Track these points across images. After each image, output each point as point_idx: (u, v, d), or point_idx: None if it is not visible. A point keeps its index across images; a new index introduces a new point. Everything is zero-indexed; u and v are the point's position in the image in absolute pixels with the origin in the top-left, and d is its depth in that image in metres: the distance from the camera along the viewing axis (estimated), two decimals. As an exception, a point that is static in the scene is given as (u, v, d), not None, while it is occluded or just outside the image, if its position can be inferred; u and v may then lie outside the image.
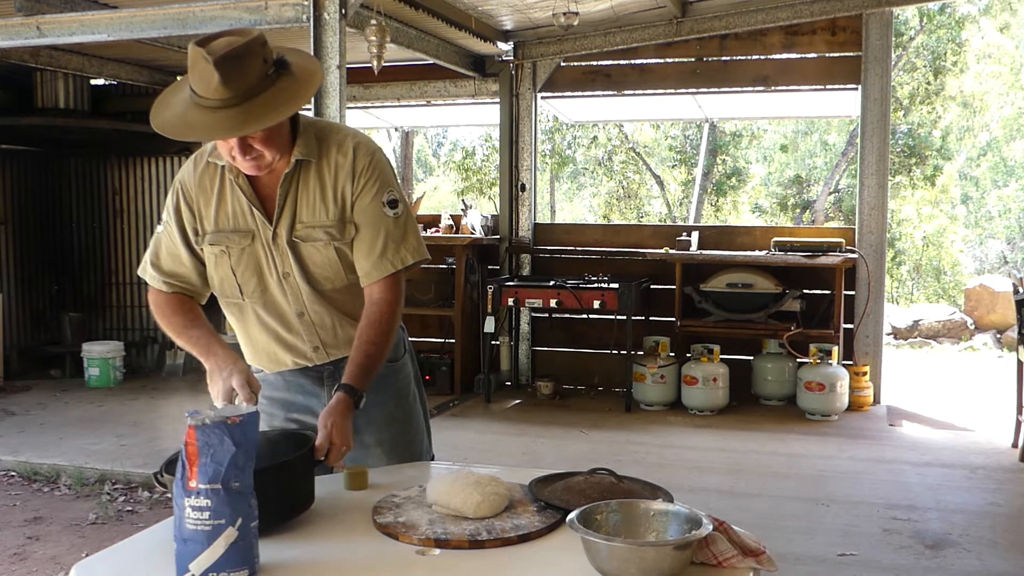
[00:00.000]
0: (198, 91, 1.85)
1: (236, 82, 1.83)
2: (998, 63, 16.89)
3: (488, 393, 6.88)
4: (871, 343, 6.72)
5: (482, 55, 7.33)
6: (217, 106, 1.84)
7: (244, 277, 2.14)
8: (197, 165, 2.13)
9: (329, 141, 2.09)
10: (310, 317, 2.16)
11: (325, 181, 2.08)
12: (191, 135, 1.88)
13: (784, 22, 6.73)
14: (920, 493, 4.72)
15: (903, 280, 16.53)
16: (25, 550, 4.11)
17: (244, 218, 2.10)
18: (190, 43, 1.86)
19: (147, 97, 8.34)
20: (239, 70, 1.83)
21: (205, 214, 2.11)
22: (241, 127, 1.86)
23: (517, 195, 7.47)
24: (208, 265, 2.16)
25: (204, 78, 1.83)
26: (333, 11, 4.40)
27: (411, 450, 2.33)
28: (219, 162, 2.09)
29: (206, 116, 1.85)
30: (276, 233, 2.09)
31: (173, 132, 1.89)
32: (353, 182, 2.08)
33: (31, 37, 4.97)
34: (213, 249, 2.12)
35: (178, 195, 2.13)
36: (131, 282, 8.59)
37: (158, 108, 1.96)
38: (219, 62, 1.80)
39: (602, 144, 16.43)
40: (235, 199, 2.09)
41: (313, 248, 2.10)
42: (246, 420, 1.52)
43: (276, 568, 1.57)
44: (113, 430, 6.00)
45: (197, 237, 2.13)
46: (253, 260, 2.12)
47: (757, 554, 1.57)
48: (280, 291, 2.14)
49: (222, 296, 2.21)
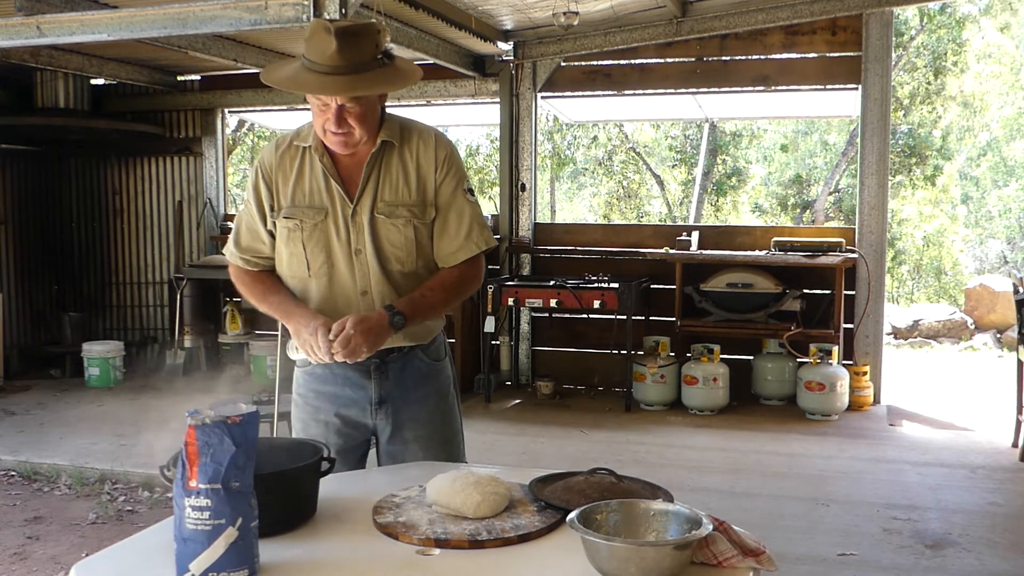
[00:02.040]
0: (313, 58, 2.04)
1: (349, 52, 2.02)
2: (998, 63, 16.88)
3: (488, 393, 6.88)
4: (871, 343, 6.72)
5: (482, 55, 7.33)
6: (328, 71, 2.03)
7: (313, 253, 2.22)
8: (279, 147, 2.26)
9: (411, 130, 2.25)
10: (372, 296, 2.23)
11: (408, 164, 2.23)
12: (301, 89, 2.06)
13: (784, 22, 6.72)
14: (920, 493, 4.72)
15: (903, 280, 16.53)
16: (25, 550, 4.11)
17: (321, 195, 2.21)
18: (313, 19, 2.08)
19: (147, 97, 8.36)
20: (354, 44, 2.03)
21: (283, 191, 2.23)
22: (349, 88, 2.03)
23: (517, 195, 7.47)
24: (278, 241, 2.26)
25: (321, 46, 2.02)
26: (333, 11, 4.38)
27: (447, 449, 2.40)
28: (304, 144, 2.22)
29: (317, 77, 2.04)
30: (356, 210, 2.20)
31: (284, 85, 2.10)
32: (436, 169, 2.24)
33: (31, 37, 4.96)
34: (287, 223, 2.22)
35: (257, 174, 2.26)
36: (131, 282, 8.60)
37: (270, 70, 2.17)
38: (339, 32, 2.01)
39: (602, 144, 16.42)
40: (313, 177, 2.22)
41: (393, 226, 2.21)
42: (246, 420, 1.52)
43: (276, 568, 1.57)
44: (113, 430, 6.00)
45: (273, 213, 2.24)
46: (324, 236, 2.21)
47: (757, 554, 1.57)
48: (348, 268, 2.23)
49: (289, 275, 2.28)
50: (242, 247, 2.31)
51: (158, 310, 8.51)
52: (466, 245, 2.25)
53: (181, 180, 8.42)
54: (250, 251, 2.31)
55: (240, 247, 2.31)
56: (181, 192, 8.42)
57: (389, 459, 2.34)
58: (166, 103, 8.37)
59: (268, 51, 6.98)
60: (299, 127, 2.29)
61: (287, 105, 8.22)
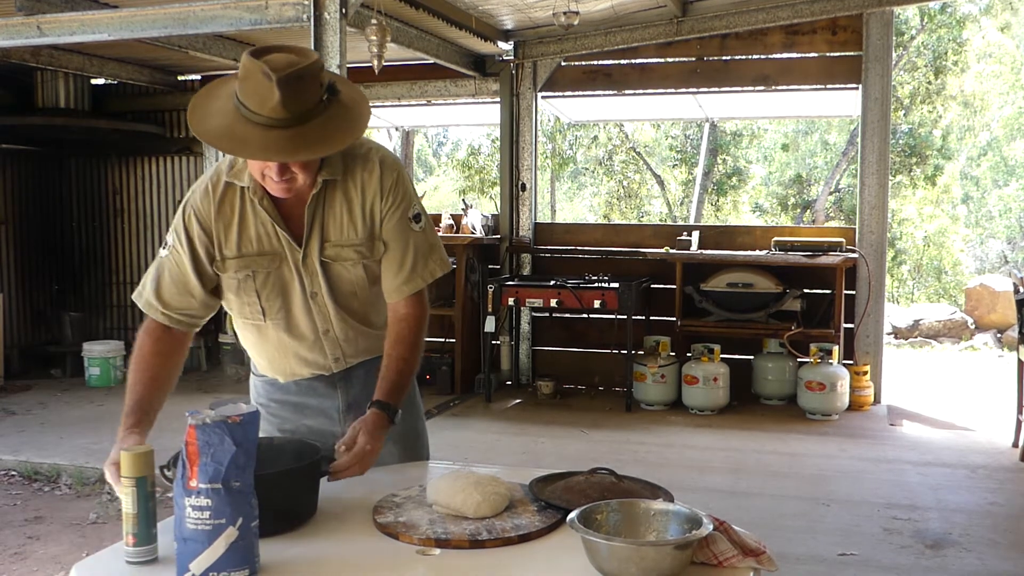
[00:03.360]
0: (251, 106, 1.79)
1: (295, 103, 1.78)
2: (999, 62, 16.89)
3: (488, 393, 6.88)
4: (871, 343, 6.72)
5: (482, 54, 7.32)
6: (271, 125, 1.79)
7: (269, 300, 2.09)
8: (214, 189, 2.03)
9: (354, 160, 2.04)
10: (335, 333, 2.14)
11: (352, 200, 2.04)
12: (244, 152, 1.83)
13: (785, 21, 6.72)
14: (920, 493, 4.72)
15: (904, 280, 16.53)
16: (25, 549, 4.11)
17: (269, 240, 2.04)
18: (244, 54, 1.81)
19: (147, 97, 8.36)
20: (299, 92, 1.78)
21: (225, 239, 2.03)
22: (297, 151, 1.82)
23: (518, 195, 7.47)
24: (227, 290, 2.08)
25: (261, 94, 1.77)
26: (333, 11, 4.39)
27: (419, 444, 2.35)
28: (239, 183, 2.01)
29: (258, 133, 1.79)
30: (306, 254, 2.04)
31: (222, 145, 1.83)
32: (382, 200, 2.05)
33: (31, 36, 4.97)
34: (238, 275, 2.05)
35: (191, 220, 2.03)
36: (132, 281, 8.60)
37: (199, 115, 1.88)
38: (282, 81, 1.74)
39: (602, 144, 16.42)
40: (258, 222, 2.03)
41: (342, 267, 2.07)
42: (247, 420, 1.52)
43: (276, 568, 1.56)
44: (113, 430, 5.92)
45: (215, 264, 2.05)
46: (279, 282, 2.07)
47: (757, 554, 1.57)
48: (305, 311, 2.10)
49: (242, 321, 2.15)
50: (165, 302, 2.06)
51: (158, 310, 8.50)
52: (410, 280, 2.09)
53: (181, 180, 8.42)
54: (176, 308, 2.06)
55: (163, 301, 2.06)
56: (181, 192, 8.42)
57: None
58: (166, 103, 8.37)
59: (268, 51, 6.97)
60: (229, 159, 2.03)
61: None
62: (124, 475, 1.62)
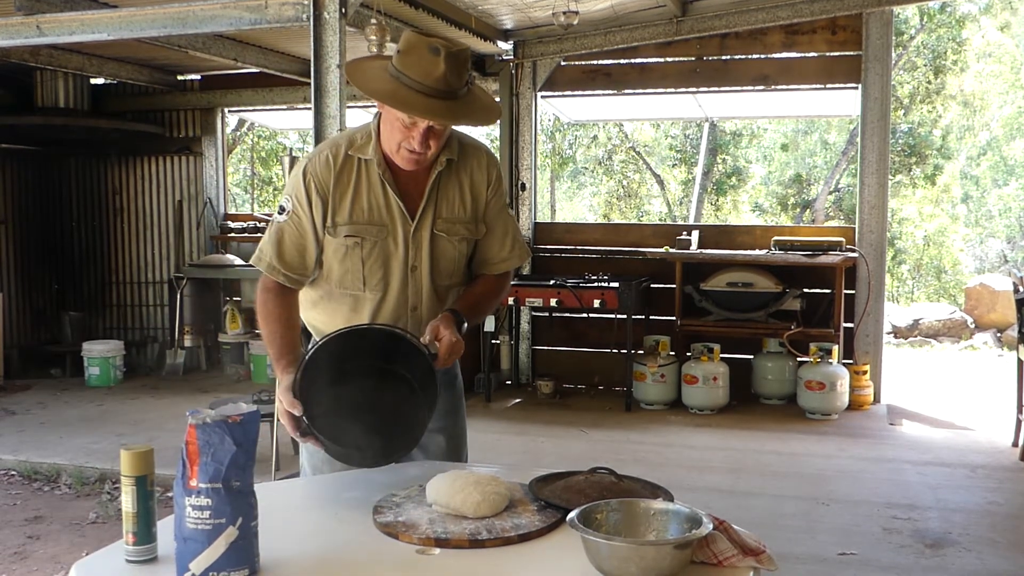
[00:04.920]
0: (415, 76, 2.00)
1: (455, 78, 2.01)
2: (998, 62, 16.87)
3: (488, 392, 6.88)
4: (871, 342, 6.72)
5: (482, 54, 7.32)
6: (430, 93, 2.00)
7: (371, 269, 2.20)
8: (335, 159, 2.18)
9: (466, 147, 2.26)
10: (421, 312, 2.25)
11: (463, 182, 2.25)
12: (411, 110, 2.02)
13: (784, 21, 6.72)
14: (920, 492, 4.72)
15: (903, 279, 16.53)
16: (25, 549, 4.12)
17: (380, 211, 2.18)
18: (407, 31, 2.09)
19: (147, 96, 8.36)
20: (458, 70, 2.02)
21: (339, 206, 2.17)
22: (456, 117, 2.07)
23: (517, 194, 7.47)
24: (331, 257, 2.20)
25: (427, 66, 2.00)
26: (333, 10, 4.39)
27: (462, 442, 2.47)
28: (361, 156, 2.18)
29: (420, 99, 2.01)
30: (418, 227, 2.20)
31: (391, 102, 2.03)
32: (488, 186, 2.28)
33: (31, 36, 4.97)
34: (347, 240, 2.18)
35: (311, 186, 2.16)
36: (131, 281, 8.60)
37: (360, 75, 2.12)
38: (448, 57, 1.99)
39: (602, 143, 16.41)
40: (372, 192, 2.18)
41: (449, 243, 2.23)
42: (247, 419, 1.52)
43: (276, 567, 1.57)
44: (113, 429, 6.00)
45: (327, 228, 2.18)
46: (383, 253, 2.20)
47: (757, 553, 1.57)
48: (402, 284, 2.23)
49: (340, 290, 2.24)
50: (287, 263, 2.19)
51: (158, 309, 8.51)
52: (510, 257, 2.34)
53: (181, 179, 8.42)
54: (296, 269, 2.20)
55: (284, 263, 2.19)
56: (181, 191, 8.42)
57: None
58: (166, 103, 8.37)
59: (268, 50, 6.98)
60: (348, 135, 2.22)
61: (287, 104, 8.23)
62: (124, 474, 1.62)
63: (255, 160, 16.06)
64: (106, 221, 8.63)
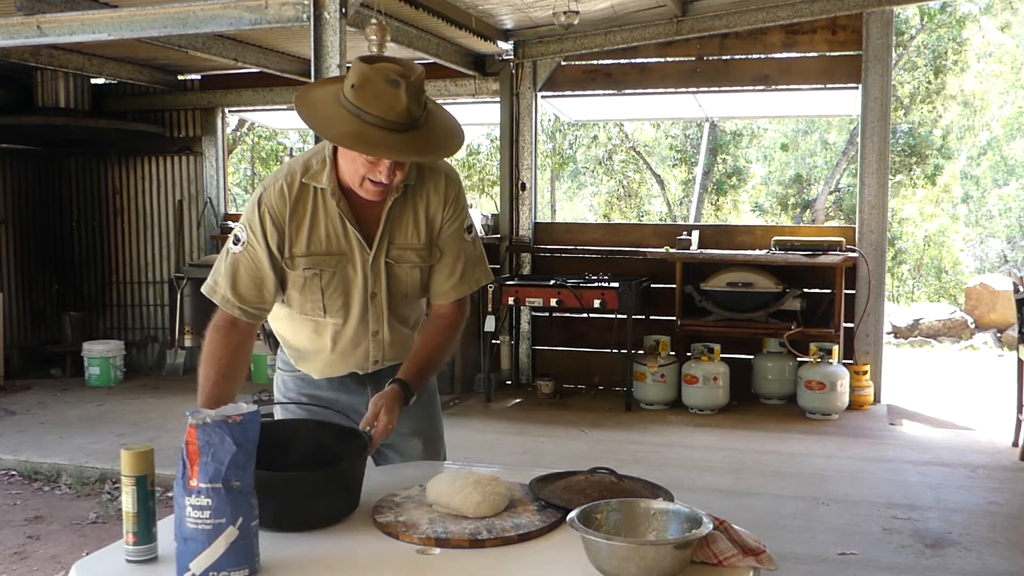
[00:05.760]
0: (376, 111, 1.89)
1: (416, 108, 1.91)
2: (999, 62, 16.88)
3: (488, 392, 6.87)
4: (871, 342, 6.72)
5: (482, 54, 7.32)
6: (396, 128, 1.90)
7: (331, 298, 2.16)
8: (290, 189, 2.09)
9: (423, 170, 2.17)
10: (382, 336, 2.23)
11: (418, 207, 2.17)
12: (382, 154, 1.93)
13: (784, 21, 6.72)
14: (920, 492, 4.72)
15: (904, 279, 16.53)
16: (25, 549, 4.12)
17: (338, 240, 2.12)
18: (357, 61, 1.93)
19: (147, 96, 8.36)
20: (419, 96, 1.92)
21: (296, 237, 2.11)
22: (427, 152, 1.98)
23: (517, 194, 7.47)
24: (291, 287, 2.15)
25: (388, 100, 1.88)
26: (333, 10, 4.39)
27: (440, 444, 2.45)
28: (316, 185, 2.09)
29: (384, 136, 1.90)
30: (376, 255, 2.15)
31: (360, 149, 1.93)
32: (444, 210, 2.18)
33: (31, 36, 4.97)
34: (306, 272, 2.13)
35: (266, 217, 2.09)
36: (131, 281, 8.60)
37: (312, 113, 1.98)
38: (408, 87, 1.88)
39: (602, 143, 16.42)
40: (329, 222, 2.11)
41: (402, 269, 2.19)
42: (247, 419, 1.52)
43: (276, 567, 1.57)
44: (113, 429, 6.00)
45: (284, 259, 2.12)
46: (343, 281, 2.16)
47: (757, 553, 1.57)
48: (362, 311, 2.19)
49: (301, 317, 2.21)
50: (242, 296, 2.11)
51: (158, 309, 8.51)
52: (458, 286, 2.25)
53: (181, 179, 8.42)
54: (253, 303, 2.12)
55: (240, 296, 2.11)
56: (181, 191, 8.42)
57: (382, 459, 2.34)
58: (166, 103, 8.37)
59: (268, 50, 6.98)
60: (303, 160, 2.13)
61: (287, 104, 8.22)
62: (124, 474, 1.63)
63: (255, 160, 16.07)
64: (106, 221, 8.62)
